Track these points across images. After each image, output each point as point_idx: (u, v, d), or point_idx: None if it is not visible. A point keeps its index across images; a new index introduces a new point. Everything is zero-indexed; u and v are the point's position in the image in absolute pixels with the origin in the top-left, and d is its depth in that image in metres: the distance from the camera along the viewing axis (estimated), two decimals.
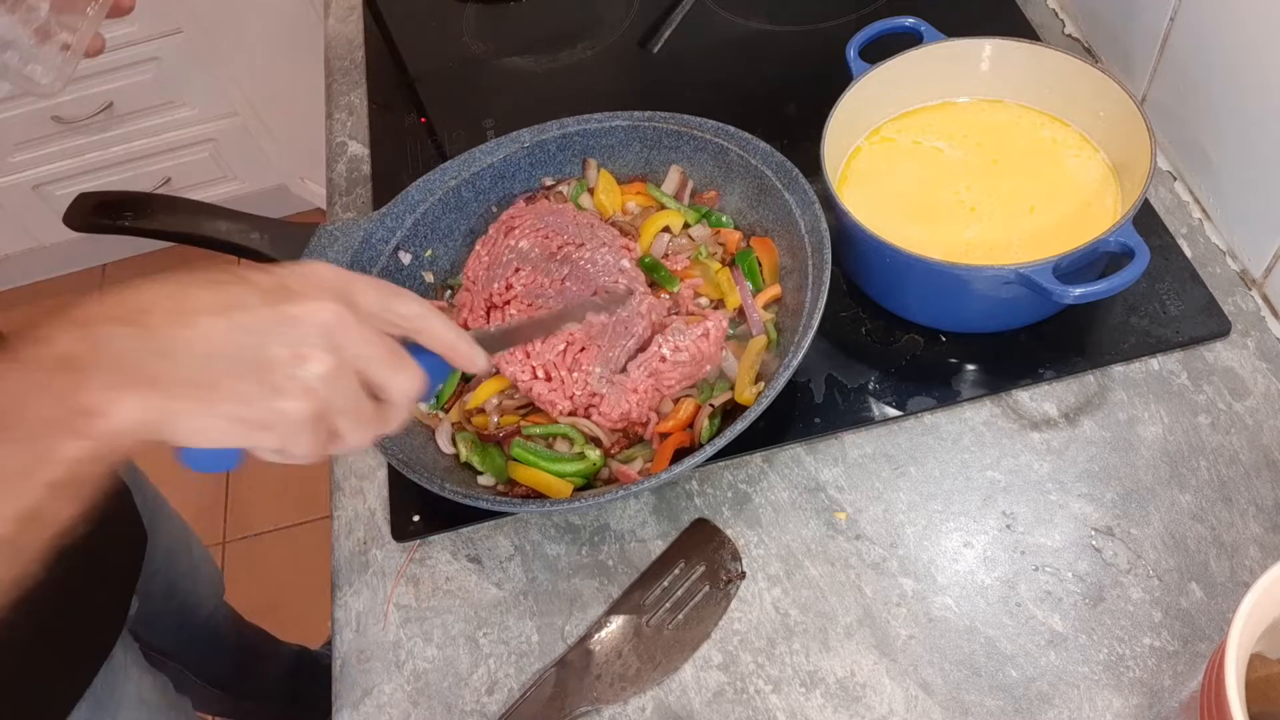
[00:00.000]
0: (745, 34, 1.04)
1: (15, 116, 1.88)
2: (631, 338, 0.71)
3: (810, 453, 0.73)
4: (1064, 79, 0.78)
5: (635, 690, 0.64)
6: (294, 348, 0.42)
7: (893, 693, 0.62)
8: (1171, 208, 0.82)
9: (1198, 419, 0.71)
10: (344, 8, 1.15)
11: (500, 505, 0.65)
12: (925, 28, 0.81)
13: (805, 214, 0.74)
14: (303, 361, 0.42)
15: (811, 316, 0.68)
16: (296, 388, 0.42)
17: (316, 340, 0.43)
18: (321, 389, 0.43)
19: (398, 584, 0.71)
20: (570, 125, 0.84)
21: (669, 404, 0.72)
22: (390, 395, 0.46)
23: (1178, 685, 0.61)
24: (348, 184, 0.98)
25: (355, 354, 0.44)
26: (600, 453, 0.70)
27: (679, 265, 0.78)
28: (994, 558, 0.67)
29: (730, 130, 0.80)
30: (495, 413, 0.74)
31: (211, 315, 0.42)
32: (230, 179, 2.11)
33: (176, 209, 0.79)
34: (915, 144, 0.82)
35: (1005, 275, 0.67)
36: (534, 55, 1.06)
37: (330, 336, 0.43)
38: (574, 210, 0.80)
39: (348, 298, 0.45)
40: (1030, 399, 0.73)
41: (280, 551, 1.81)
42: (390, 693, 0.67)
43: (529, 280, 0.76)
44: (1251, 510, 0.66)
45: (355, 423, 0.45)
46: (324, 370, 0.43)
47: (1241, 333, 0.74)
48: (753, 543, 0.70)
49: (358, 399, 0.45)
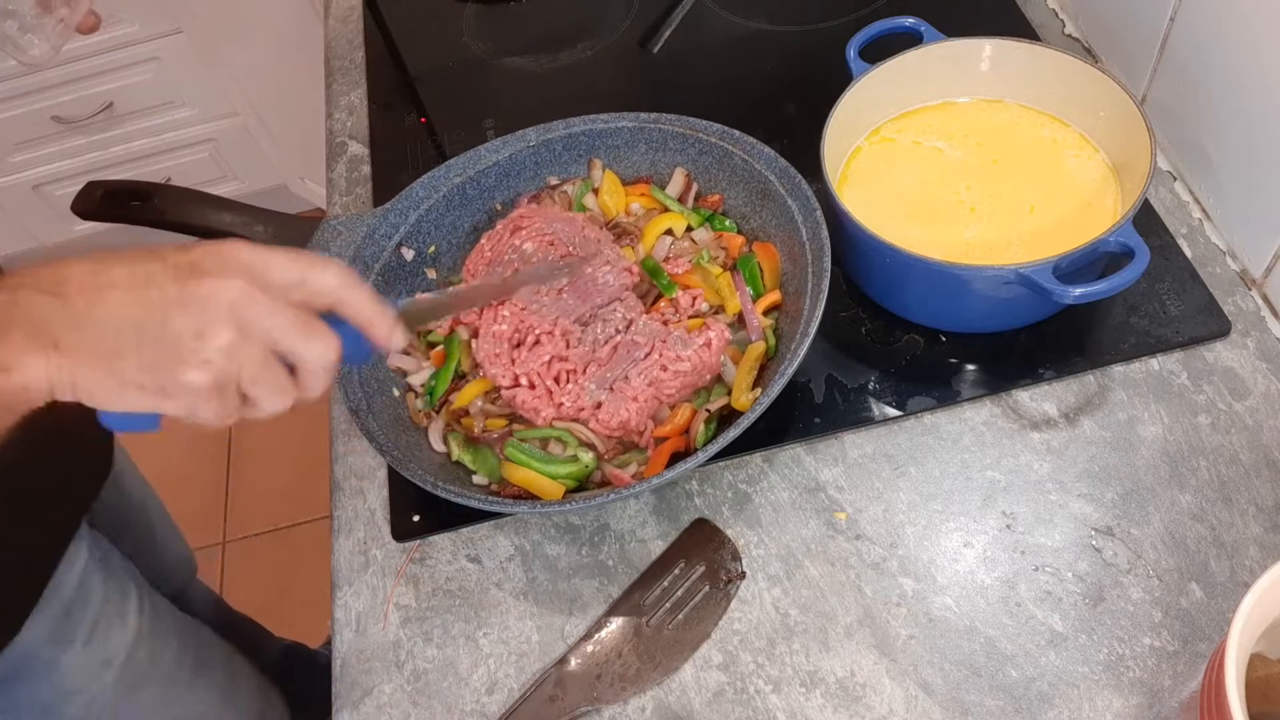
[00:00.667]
0: (745, 34, 1.04)
1: (15, 116, 1.88)
2: (632, 363, 0.72)
3: (810, 453, 0.73)
4: (1064, 79, 0.78)
5: (635, 690, 0.64)
6: (197, 322, 0.46)
7: (893, 693, 0.62)
8: (1171, 208, 0.82)
9: (1198, 419, 0.71)
10: (344, 8, 1.15)
11: (494, 505, 0.65)
12: (925, 28, 0.81)
13: (807, 220, 0.74)
14: (204, 336, 0.46)
15: (809, 324, 0.68)
16: (197, 359, 0.46)
17: (219, 315, 0.46)
18: (222, 360, 0.46)
19: (398, 584, 0.71)
20: (576, 125, 0.84)
21: (665, 410, 0.72)
22: (304, 364, 0.49)
23: (1178, 685, 0.61)
24: (348, 184, 0.98)
25: (259, 326, 0.47)
26: (593, 456, 0.70)
27: (680, 268, 0.78)
28: (994, 558, 0.67)
29: (735, 134, 0.80)
30: (480, 415, 0.74)
31: (123, 290, 0.46)
32: (230, 179, 2.11)
33: (182, 200, 0.79)
34: (915, 144, 0.82)
35: (1005, 275, 0.67)
36: (534, 55, 1.06)
37: (234, 312, 0.46)
38: (584, 221, 0.80)
39: (259, 275, 0.48)
40: (1030, 399, 0.73)
41: (280, 551, 1.81)
42: (390, 693, 0.67)
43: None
44: (1251, 510, 0.66)
45: (268, 390, 0.49)
46: (224, 343, 0.46)
47: (1241, 333, 0.74)
48: (753, 543, 0.70)
49: (265, 368, 0.48)
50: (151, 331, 0.45)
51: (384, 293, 0.78)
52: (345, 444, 0.79)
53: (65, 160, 1.98)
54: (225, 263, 0.48)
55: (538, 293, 0.75)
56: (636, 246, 0.80)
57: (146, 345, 0.46)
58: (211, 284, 0.46)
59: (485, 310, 0.76)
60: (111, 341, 0.45)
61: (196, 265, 0.47)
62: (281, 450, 1.92)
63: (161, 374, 0.46)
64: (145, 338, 0.45)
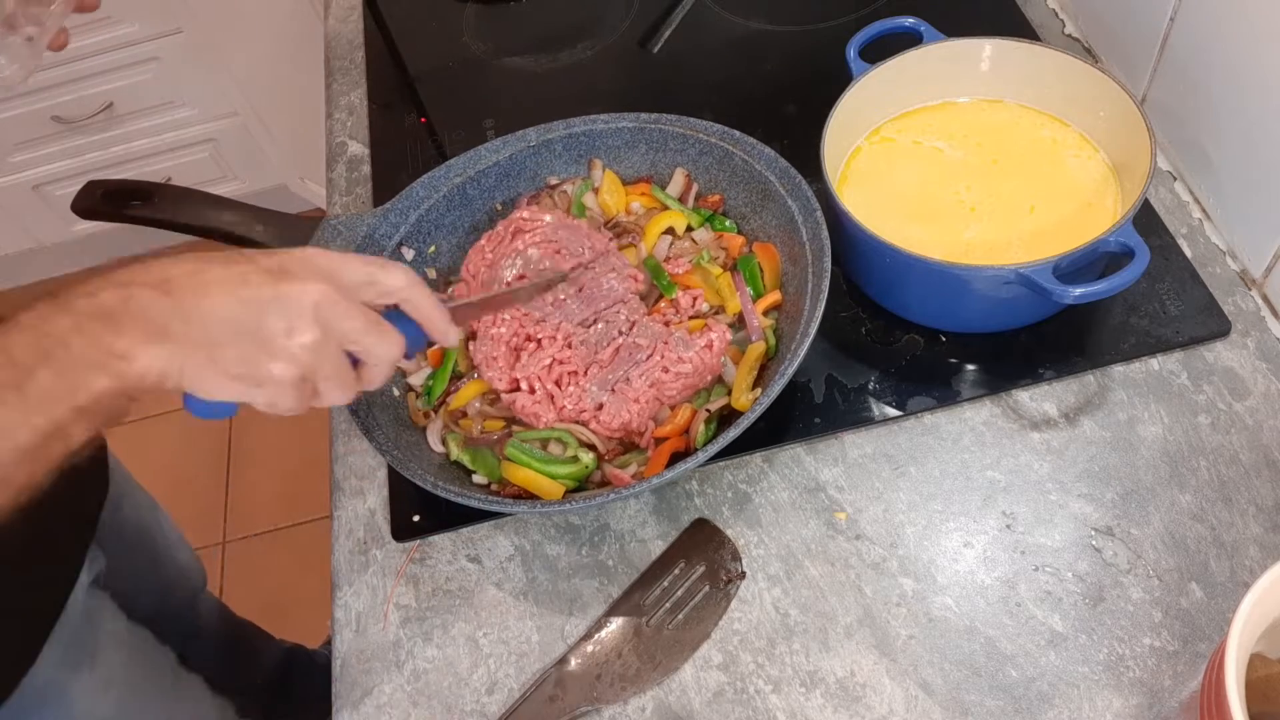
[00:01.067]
0: (745, 34, 1.04)
1: (15, 116, 1.88)
2: (634, 364, 0.72)
3: (810, 453, 0.73)
4: (1064, 79, 0.78)
5: (635, 690, 0.64)
6: (287, 320, 0.50)
7: (893, 693, 0.62)
8: (1171, 208, 0.82)
9: (1198, 419, 0.71)
10: (344, 8, 1.15)
11: (494, 505, 0.65)
12: (925, 28, 0.81)
13: (807, 221, 0.74)
14: (293, 333, 0.50)
15: (809, 325, 0.68)
16: (286, 354, 0.50)
17: (305, 315, 0.51)
18: (306, 356, 0.51)
19: (398, 584, 0.71)
20: (576, 125, 0.84)
21: (666, 411, 0.72)
22: (370, 359, 0.54)
23: (1178, 685, 0.61)
24: (348, 184, 0.98)
25: (338, 327, 0.52)
26: (593, 456, 0.70)
27: (681, 268, 0.78)
28: (994, 558, 0.67)
29: (735, 135, 0.80)
30: (479, 417, 0.74)
31: (222, 288, 0.50)
32: (230, 179, 2.11)
33: (183, 199, 0.79)
34: (915, 144, 0.82)
35: (1005, 275, 0.67)
36: (534, 55, 1.06)
37: (318, 311, 0.51)
38: (588, 228, 0.80)
39: (336, 278, 0.52)
40: (1030, 399, 0.73)
41: (280, 551, 1.81)
42: (390, 693, 0.67)
43: None
44: (1251, 510, 0.66)
45: (336, 384, 0.53)
46: (309, 341, 0.51)
47: (1241, 333, 0.74)
48: (753, 543, 0.70)
49: (339, 364, 0.53)
50: (249, 327, 0.50)
51: None
52: (345, 444, 0.79)
53: (65, 160, 1.98)
54: (307, 266, 0.52)
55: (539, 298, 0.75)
56: (638, 245, 0.80)
57: (244, 339, 0.50)
58: (299, 285, 0.51)
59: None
60: (215, 335, 0.49)
61: (284, 268, 0.52)
62: (281, 450, 1.92)
63: (255, 366, 0.50)
64: (243, 332, 0.50)
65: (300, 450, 1.88)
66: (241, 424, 1.98)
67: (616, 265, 0.77)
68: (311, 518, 1.83)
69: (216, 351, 0.50)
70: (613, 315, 0.74)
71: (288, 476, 1.88)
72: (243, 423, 1.98)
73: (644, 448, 0.71)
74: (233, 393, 0.51)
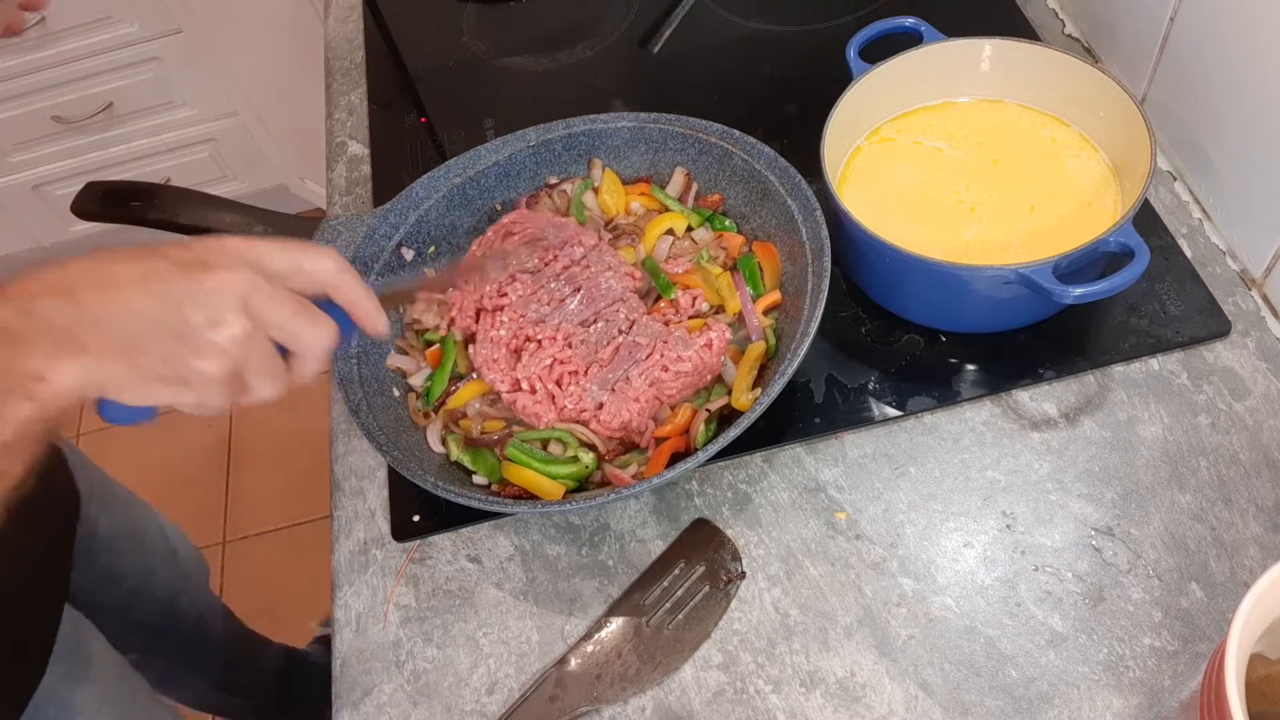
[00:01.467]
0: (745, 34, 1.04)
1: (15, 116, 1.88)
2: (634, 364, 0.72)
3: (810, 453, 0.73)
4: (1064, 79, 0.78)
5: (635, 690, 0.64)
6: (210, 313, 0.47)
7: (893, 693, 0.62)
8: (1171, 208, 0.82)
9: (1198, 419, 0.71)
10: (344, 8, 1.15)
11: (494, 505, 0.65)
12: (925, 28, 0.81)
13: (807, 220, 0.74)
14: (218, 326, 0.47)
15: (809, 324, 0.68)
16: (212, 349, 0.47)
17: (230, 306, 0.48)
18: (234, 350, 0.48)
19: (398, 584, 0.71)
20: (576, 125, 0.84)
21: (666, 410, 0.72)
22: (302, 348, 0.51)
23: (1178, 685, 0.61)
24: (348, 184, 0.98)
25: (267, 316, 0.49)
26: (594, 456, 0.70)
27: (681, 268, 0.78)
28: (994, 558, 0.67)
29: (735, 134, 0.80)
30: (478, 418, 0.74)
31: (133, 285, 0.47)
32: (230, 179, 2.11)
33: (182, 200, 0.79)
34: (915, 144, 0.82)
35: (1005, 275, 0.67)
36: (534, 55, 1.06)
37: (244, 302, 0.48)
38: (576, 226, 0.80)
39: (260, 265, 0.50)
40: (1030, 399, 0.73)
41: (280, 551, 1.81)
42: (390, 693, 0.67)
43: (526, 291, 0.76)
44: (1251, 510, 0.66)
45: (266, 377, 0.50)
46: (237, 333, 0.48)
47: (1241, 333, 0.74)
48: (753, 543, 0.70)
49: (268, 357, 0.50)
50: (169, 325, 0.47)
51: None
52: (345, 444, 0.79)
53: (65, 160, 1.98)
54: (227, 255, 0.49)
55: (538, 300, 0.75)
56: (637, 246, 0.80)
57: (165, 338, 0.47)
58: (221, 276, 0.48)
59: (482, 316, 0.76)
60: (130, 336, 0.46)
61: (201, 259, 0.48)
62: (281, 450, 1.92)
63: (180, 365, 0.47)
64: (163, 331, 0.47)
65: (300, 450, 1.88)
66: (242, 424, 1.99)
67: (612, 264, 0.77)
68: (311, 518, 1.83)
69: (136, 354, 0.46)
70: (612, 314, 0.74)
71: (288, 476, 1.88)
72: (243, 423, 1.99)
73: (644, 447, 0.71)
74: (161, 396, 0.48)
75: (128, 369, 0.46)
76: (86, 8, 1.74)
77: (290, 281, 0.51)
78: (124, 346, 0.46)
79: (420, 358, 0.78)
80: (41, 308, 0.45)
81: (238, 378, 0.49)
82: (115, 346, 0.46)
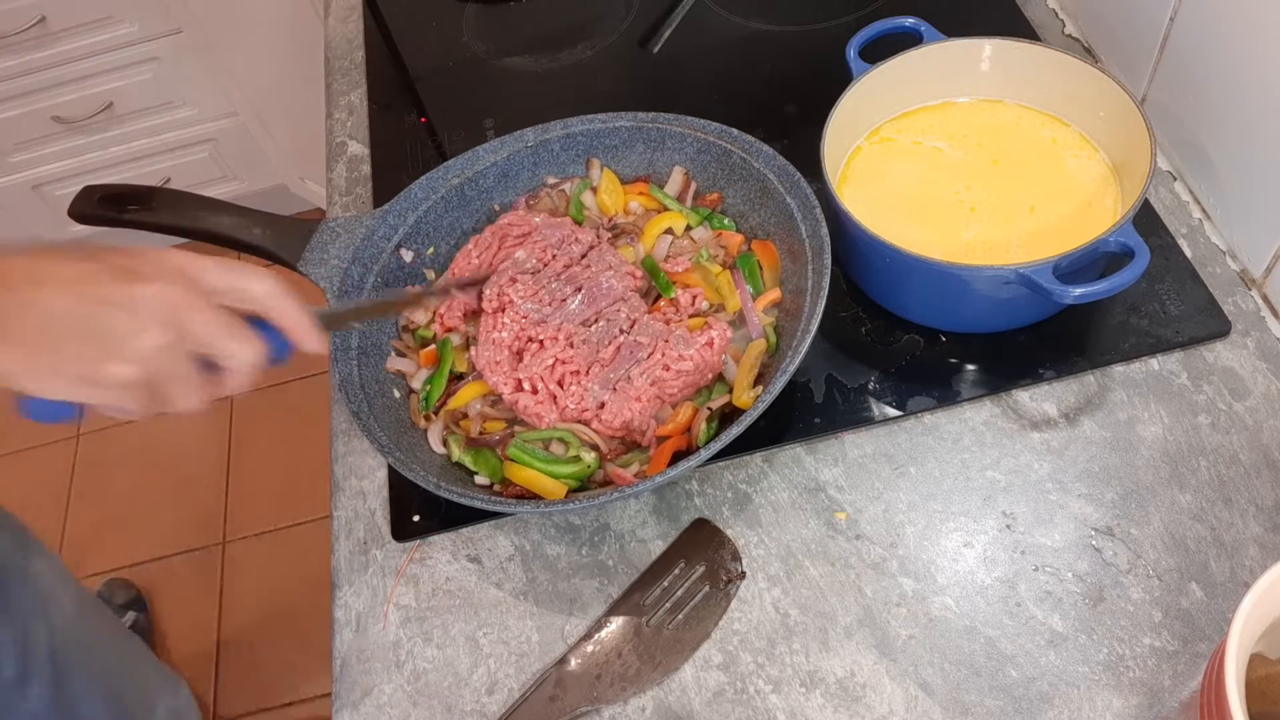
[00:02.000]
0: (745, 34, 1.04)
1: (15, 116, 1.88)
2: (635, 363, 0.72)
3: (810, 453, 0.73)
4: (1064, 79, 0.78)
5: (635, 690, 0.64)
6: (134, 322, 0.49)
7: (893, 693, 0.62)
8: (1171, 208, 0.82)
9: (1198, 419, 0.71)
10: (344, 8, 1.15)
11: (495, 505, 0.65)
12: (925, 28, 0.81)
13: (806, 218, 0.74)
14: (139, 335, 0.49)
15: (810, 321, 0.68)
16: (129, 355, 0.49)
17: (155, 318, 0.50)
18: (152, 359, 0.50)
19: (398, 584, 0.71)
20: (574, 125, 0.84)
21: (668, 409, 0.72)
22: (230, 363, 0.53)
23: (1178, 685, 0.61)
24: (347, 184, 0.98)
25: (193, 331, 0.51)
26: (595, 456, 0.70)
27: (680, 267, 0.78)
28: (994, 558, 0.67)
29: (733, 133, 0.80)
30: (479, 419, 0.74)
31: (62, 285, 0.49)
32: (230, 179, 2.11)
33: (180, 203, 0.79)
34: (915, 144, 0.82)
35: (1005, 275, 0.67)
36: (534, 55, 1.06)
37: (170, 314, 0.50)
38: (573, 226, 0.80)
39: (197, 281, 0.52)
40: (1030, 399, 0.73)
41: (280, 551, 1.81)
42: (390, 693, 0.67)
43: (527, 293, 0.76)
44: (1251, 510, 0.66)
45: (184, 389, 0.52)
46: (156, 343, 0.50)
47: (1241, 333, 0.74)
48: (753, 543, 0.70)
49: (185, 369, 0.52)
50: (89, 326, 0.49)
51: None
52: (345, 444, 0.79)
53: (65, 160, 1.98)
54: (164, 268, 0.51)
55: (539, 300, 0.75)
56: (636, 246, 0.80)
57: (83, 339, 0.49)
58: (152, 287, 0.50)
59: (484, 318, 0.76)
60: (50, 333, 0.48)
61: (134, 270, 0.50)
62: (281, 450, 1.92)
63: (94, 367, 0.49)
64: (82, 331, 0.48)
65: (300, 450, 1.88)
66: (242, 424, 1.99)
67: (613, 263, 0.77)
68: (311, 518, 1.83)
69: (53, 351, 0.48)
70: (614, 313, 0.74)
71: (288, 476, 1.88)
72: (243, 423, 1.99)
73: (646, 447, 0.71)
74: (70, 393, 0.50)
75: (43, 363, 0.48)
76: (86, 8, 1.74)
77: (225, 299, 0.53)
78: (39, 341, 0.48)
79: (414, 356, 0.78)
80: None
81: (153, 386, 0.51)
82: (31, 340, 0.48)
